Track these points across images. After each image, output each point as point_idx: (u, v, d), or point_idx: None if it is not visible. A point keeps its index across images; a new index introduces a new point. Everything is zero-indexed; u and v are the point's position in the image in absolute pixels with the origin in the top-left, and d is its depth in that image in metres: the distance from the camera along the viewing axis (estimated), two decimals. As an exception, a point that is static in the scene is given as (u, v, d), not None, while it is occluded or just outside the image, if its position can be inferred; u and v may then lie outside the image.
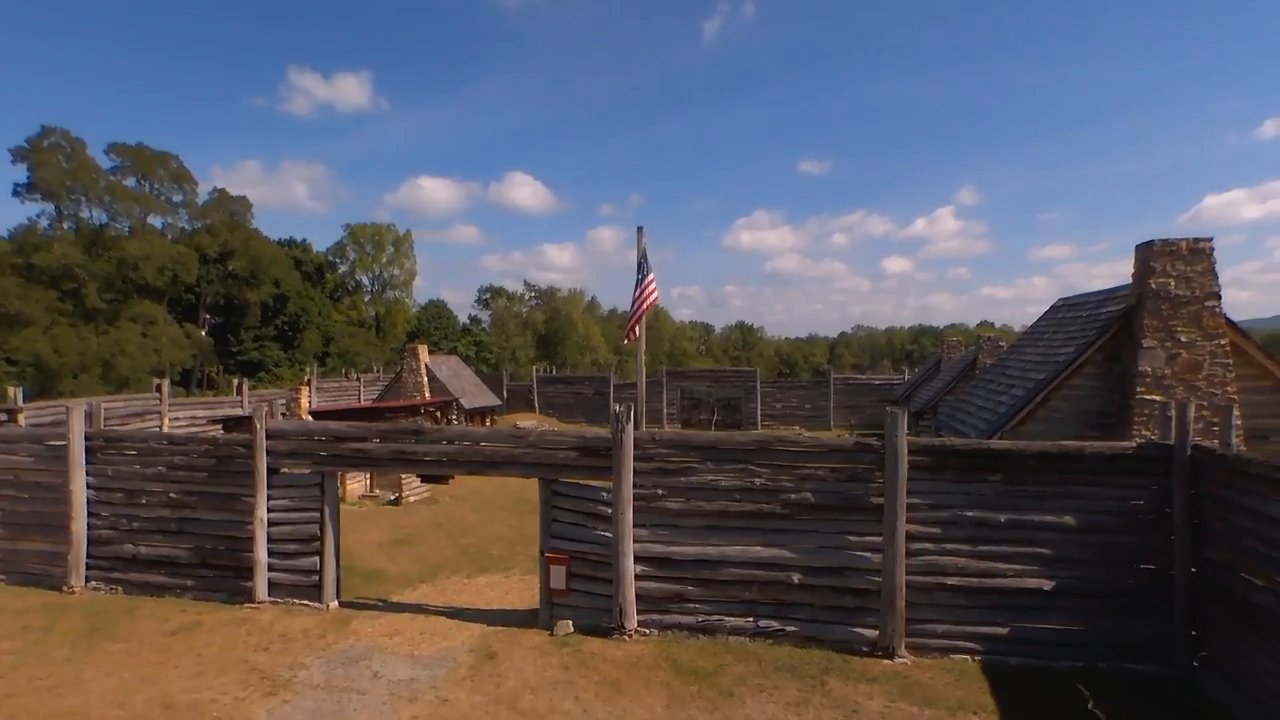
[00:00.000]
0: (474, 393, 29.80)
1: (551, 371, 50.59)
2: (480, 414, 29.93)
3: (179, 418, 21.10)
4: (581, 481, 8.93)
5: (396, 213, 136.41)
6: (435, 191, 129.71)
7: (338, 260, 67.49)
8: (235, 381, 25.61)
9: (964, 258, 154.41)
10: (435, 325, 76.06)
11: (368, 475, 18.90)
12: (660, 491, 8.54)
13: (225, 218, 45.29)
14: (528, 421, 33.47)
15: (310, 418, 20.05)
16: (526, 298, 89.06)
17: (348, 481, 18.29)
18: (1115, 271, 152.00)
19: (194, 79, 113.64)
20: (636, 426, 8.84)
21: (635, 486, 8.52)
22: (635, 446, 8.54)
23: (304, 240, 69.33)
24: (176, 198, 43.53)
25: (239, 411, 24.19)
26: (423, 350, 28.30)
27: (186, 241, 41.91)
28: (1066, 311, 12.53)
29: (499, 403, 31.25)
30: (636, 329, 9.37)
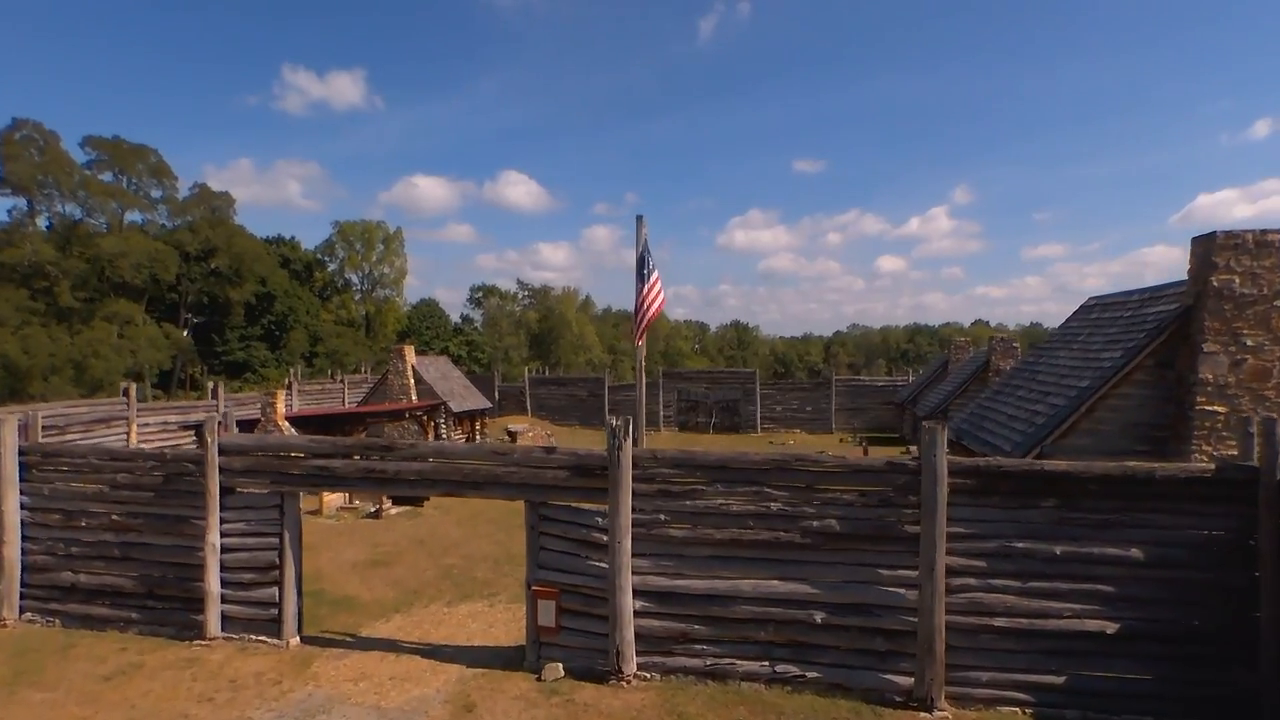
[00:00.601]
0: (463, 395, 28.70)
1: (544, 372, 49.47)
2: (470, 417, 28.83)
3: (149, 424, 19.95)
4: (573, 505, 7.90)
5: (390, 211, 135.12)
6: (430, 190, 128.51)
7: (327, 259, 66.25)
8: (210, 385, 24.45)
9: (957, 257, 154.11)
10: (427, 325, 74.89)
11: (347, 485, 17.83)
12: (663, 517, 7.51)
13: (207, 214, 43.87)
14: (519, 424, 32.35)
15: (286, 424, 18.96)
16: (520, 297, 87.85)
17: (325, 493, 17.19)
18: (1106, 271, 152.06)
19: (186, 76, 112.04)
20: (636, 442, 7.81)
21: (634, 511, 7.50)
22: (634, 466, 7.52)
23: (292, 238, 68.14)
24: (156, 193, 42.21)
25: (215, 416, 23.09)
26: (409, 351, 27.16)
27: (166, 238, 40.49)
28: (1102, 311, 11.55)
29: (489, 405, 30.16)
30: (643, 341, 8.34)
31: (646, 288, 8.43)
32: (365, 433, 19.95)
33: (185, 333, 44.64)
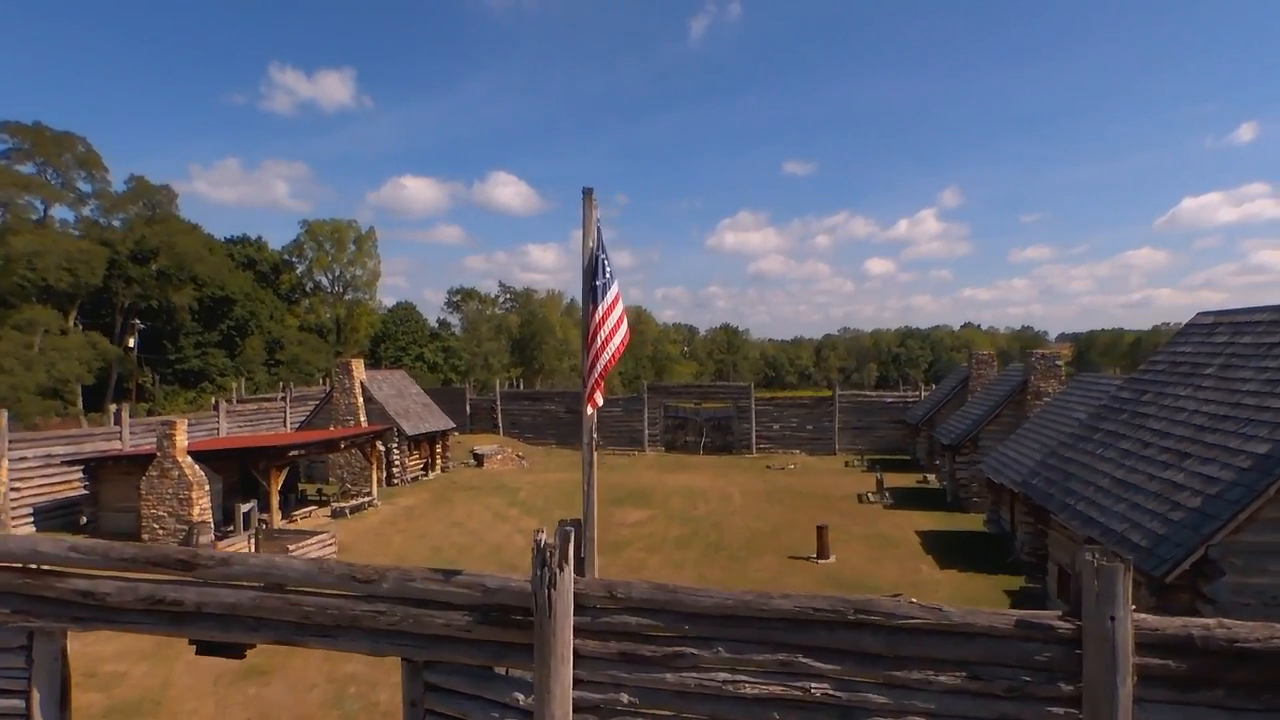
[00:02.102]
0: (420, 415, 25.41)
1: (518, 385, 46.33)
2: (429, 440, 25.54)
3: (26, 458, 16.59)
4: (482, 667, 4.85)
5: (379, 212, 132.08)
6: (418, 191, 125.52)
7: (295, 260, 62.62)
8: (114, 408, 21.08)
9: (946, 259, 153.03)
10: (403, 329, 71.33)
11: (251, 536, 14.60)
12: (626, 699, 4.48)
13: (144, 210, 39.94)
14: (487, 446, 29.08)
15: (188, 460, 15.73)
16: (501, 300, 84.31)
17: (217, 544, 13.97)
18: (1094, 274, 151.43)
19: (168, 75, 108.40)
20: (581, 568, 4.76)
21: (578, 686, 4.49)
22: (579, 609, 4.51)
23: (259, 238, 64.46)
24: (86, 187, 38.28)
25: (115, 446, 19.75)
26: (358, 366, 23.84)
27: (95, 237, 36.57)
28: (1234, 335, 8.63)
29: (453, 425, 26.87)
30: (599, 394, 5.22)
31: (603, 310, 5.34)
32: (286, 473, 16.70)
33: (131, 342, 40.84)
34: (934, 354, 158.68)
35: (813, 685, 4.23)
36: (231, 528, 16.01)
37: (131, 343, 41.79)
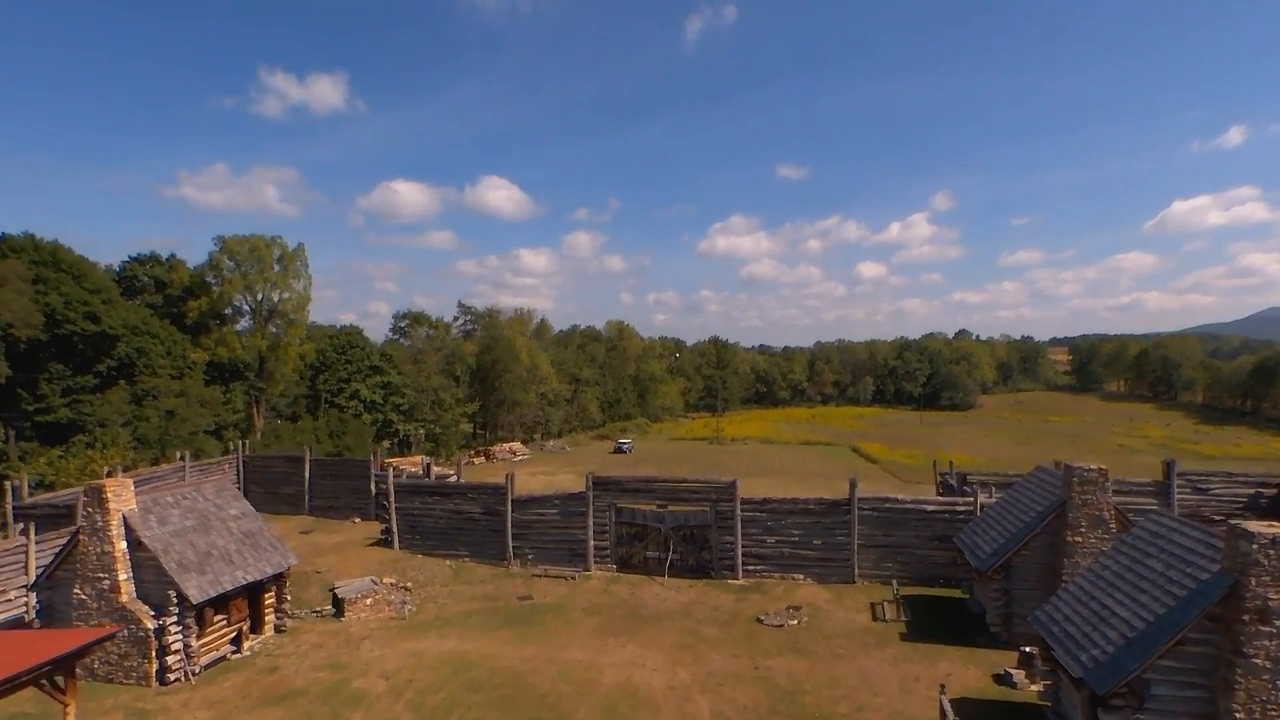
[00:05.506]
0: (233, 557, 16.75)
1: (455, 456, 37.51)
2: (250, 594, 16.89)
3: None
4: None
5: (370, 217, 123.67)
6: (409, 196, 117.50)
7: (213, 281, 53.76)
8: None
9: (937, 263, 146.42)
10: (345, 359, 62.55)
11: None
12: None
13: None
14: (356, 580, 20.21)
15: None
16: (460, 321, 75.16)
17: None
18: (1083, 277, 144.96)
19: (156, 78, 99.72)
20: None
21: None
22: None
23: (171, 256, 55.66)
24: None
25: None
26: (115, 491, 15.16)
27: None
28: None
29: (286, 564, 17.96)
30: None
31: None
32: None
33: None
34: (931, 366, 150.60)
35: None
36: None
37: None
